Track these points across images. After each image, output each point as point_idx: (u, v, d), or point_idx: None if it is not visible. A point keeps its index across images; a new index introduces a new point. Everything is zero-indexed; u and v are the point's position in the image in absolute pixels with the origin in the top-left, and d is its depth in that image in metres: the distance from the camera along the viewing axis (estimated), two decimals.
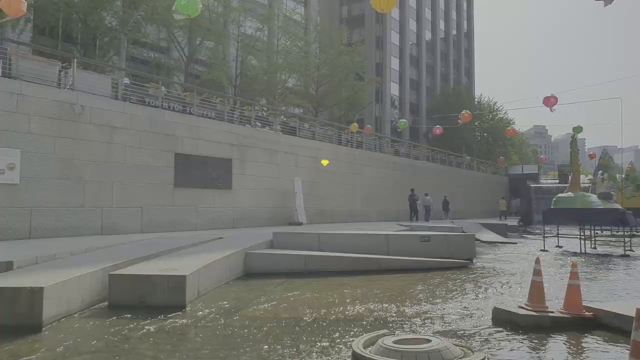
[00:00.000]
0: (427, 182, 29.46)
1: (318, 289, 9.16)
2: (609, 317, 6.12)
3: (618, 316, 5.97)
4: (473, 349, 5.16)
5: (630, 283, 10.54)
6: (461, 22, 68.72)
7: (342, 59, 32.87)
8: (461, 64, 67.38)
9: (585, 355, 5.42)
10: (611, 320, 6.05)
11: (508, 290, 9.27)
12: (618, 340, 5.54)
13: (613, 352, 5.28)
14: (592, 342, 5.73)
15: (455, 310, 7.38)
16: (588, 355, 5.40)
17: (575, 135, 21.61)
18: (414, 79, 56.79)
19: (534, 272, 6.80)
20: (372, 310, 7.32)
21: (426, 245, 12.91)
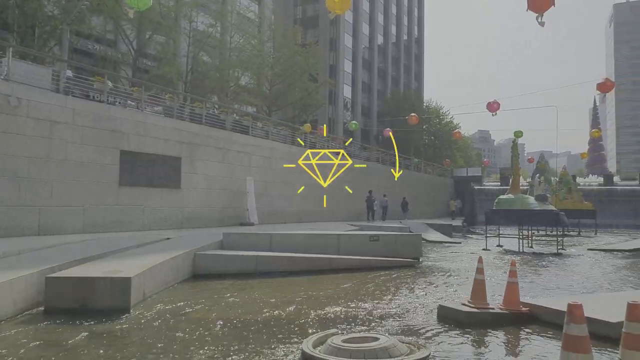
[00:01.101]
0: (377, 183, 29.98)
1: (268, 290, 9.14)
2: (544, 312, 6.48)
3: (551, 311, 6.33)
4: (419, 345, 5.32)
5: (562, 280, 11.18)
6: (412, 28, 70.48)
7: (296, 59, 32.89)
8: (411, 68, 69.07)
9: (521, 348, 5.72)
10: (545, 315, 6.41)
11: (452, 288, 9.61)
12: (551, 334, 5.87)
13: (547, 345, 5.59)
14: (527, 336, 6.05)
15: (402, 308, 7.57)
16: (524, 348, 5.69)
17: (516, 140, 22.65)
18: (366, 82, 57.69)
19: (476, 271, 7.09)
20: (322, 310, 7.39)
21: (375, 244, 13.15)
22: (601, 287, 10.21)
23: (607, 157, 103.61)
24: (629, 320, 3.55)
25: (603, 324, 5.54)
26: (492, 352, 5.55)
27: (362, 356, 4.74)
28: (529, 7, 9.86)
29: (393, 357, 4.80)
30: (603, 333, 5.39)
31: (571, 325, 3.64)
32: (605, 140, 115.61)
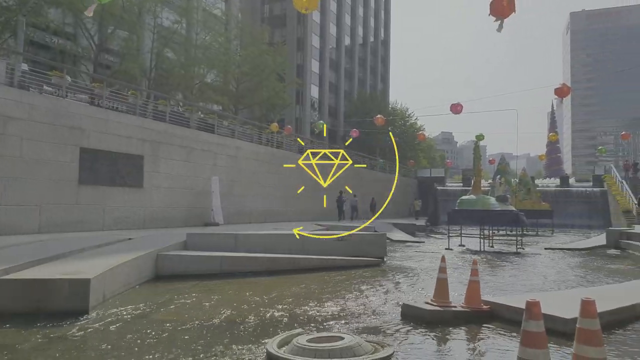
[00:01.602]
0: (344, 183, 30.16)
1: (233, 291, 9.04)
2: (503, 310, 6.66)
3: (511, 309, 6.52)
4: (383, 344, 5.39)
5: (521, 278, 11.54)
6: (379, 30, 71.26)
7: (263, 58, 32.68)
8: (377, 70, 69.84)
9: (481, 345, 5.86)
10: (505, 313, 6.59)
11: (416, 287, 9.76)
12: (511, 331, 6.04)
13: (506, 342, 5.75)
14: (488, 333, 6.20)
15: (367, 307, 7.64)
16: (484, 345, 5.83)
17: (478, 142, 23.25)
18: (333, 83, 57.95)
19: (439, 270, 7.23)
20: (288, 310, 7.37)
21: (341, 244, 13.22)
22: (557, 285, 10.59)
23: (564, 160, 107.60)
24: (583, 316, 3.69)
25: (559, 320, 5.74)
26: (453, 349, 5.67)
27: (327, 355, 4.76)
28: (491, 13, 10.12)
29: (357, 356, 4.84)
30: (559, 329, 5.59)
31: (529, 322, 3.76)
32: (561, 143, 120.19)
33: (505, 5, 10.00)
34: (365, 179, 35.11)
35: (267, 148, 24.67)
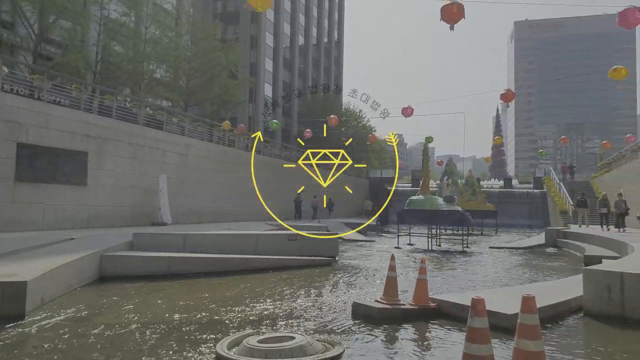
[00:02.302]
0: (297, 183, 30.16)
1: (181, 292, 8.83)
2: (450, 307, 6.87)
3: (457, 306, 6.73)
4: (334, 342, 5.42)
5: (467, 276, 11.95)
6: (332, 31, 71.69)
7: (215, 55, 32.10)
8: (331, 71, 70.26)
9: (429, 341, 6.01)
10: (451, 310, 6.80)
11: (367, 286, 9.89)
12: (457, 327, 6.23)
13: (452, 338, 5.93)
14: (435, 329, 6.38)
15: (318, 307, 7.66)
16: (431, 341, 5.99)
17: (427, 144, 23.90)
18: (287, 82, 57.78)
19: (389, 268, 7.36)
20: (238, 311, 7.27)
21: (294, 244, 13.22)
22: (501, 282, 11.04)
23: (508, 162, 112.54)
24: (523, 312, 3.85)
25: (501, 316, 5.98)
26: (402, 346, 5.78)
27: (278, 356, 4.73)
28: (442, 19, 10.43)
29: (308, 355, 4.84)
30: (502, 324, 5.82)
31: (474, 319, 3.88)
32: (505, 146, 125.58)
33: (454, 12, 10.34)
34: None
35: (219, 146, 24.27)
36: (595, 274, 7.24)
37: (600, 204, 20.18)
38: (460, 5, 10.51)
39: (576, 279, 8.64)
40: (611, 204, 19.94)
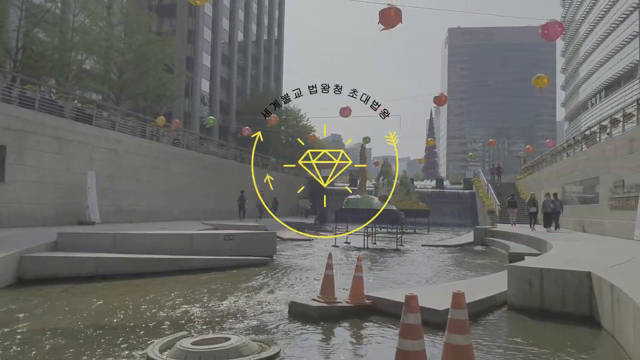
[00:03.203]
0: (235, 182, 29.71)
1: (109, 295, 8.42)
2: (384, 304, 7.03)
3: (391, 302, 6.91)
4: (270, 342, 5.38)
5: (401, 273, 12.31)
6: (272, 29, 71.31)
7: (150, 47, 30.92)
8: (271, 68, 69.88)
9: (364, 338, 6.13)
10: (386, 307, 6.96)
11: (304, 284, 9.92)
12: (391, 323, 6.39)
13: (386, 334, 6.07)
14: (370, 326, 6.50)
15: (255, 307, 7.58)
16: (366, 338, 6.11)
17: (365, 144, 24.34)
18: (225, 78, 56.76)
19: (326, 267, 7.42)
20: (171, 313, 7.04)
21: (230, 243, 13.01)
22: (433, 279, 11.46)
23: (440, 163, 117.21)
24: (454, 308, 4.01)
25: (433, 312, 6.20)
26: (338, 343, 5.85)
27: (213, 357, 4.63)
28: (380, 21, 10.66)
29: (244, 356, 4.78)
30: (433, 320, 6.03)
31: (407, 315, 3.99)
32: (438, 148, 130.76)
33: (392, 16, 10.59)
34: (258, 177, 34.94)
35: (152, 142, 23.40)
36: (518, 270, 7.69)
37: (530, 204, 21.20)
38: (398, 9, 10.79)
39: (501, 275, 9.14)
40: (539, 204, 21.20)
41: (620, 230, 15.93)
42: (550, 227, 19.84)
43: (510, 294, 7.64)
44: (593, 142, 21.12)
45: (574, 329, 6.43)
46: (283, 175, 42.00)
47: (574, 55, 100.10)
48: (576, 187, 21.63)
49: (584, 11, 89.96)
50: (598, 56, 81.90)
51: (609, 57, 77.10)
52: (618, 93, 72.69)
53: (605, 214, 17.45)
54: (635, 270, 7.67)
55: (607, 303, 6.20)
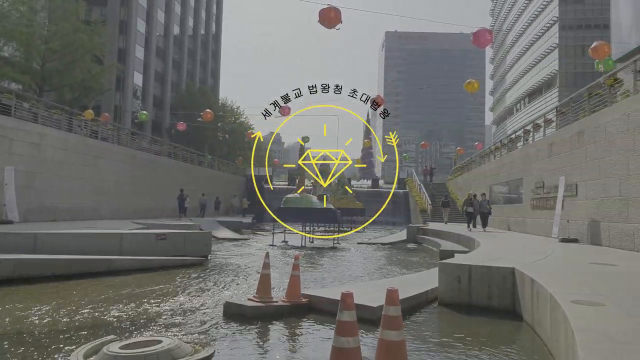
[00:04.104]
0: (169, 179, 28.76)
1: (29, 298, 7.86)
2: (320, 302, 7.08)
3: (327, 300, 6.96)
4: (204, 344, 5.24)
5: (338, 270, 12.46)
6: (210, 24, 69.73)
7: (78, 36, 29.17)
8: (208, 64, 68.32)
9: (299, 336, 6.13)
10: (322, 305, 7.01)
11: (240, 284, 9.78)
12: (327, 321, 6.43)
13: (322, 332, 6.11)
14: (306, 324, 6.52)
15: (189, 308, 7.37)
16: (302, 337, 6.12)
17: (303, 144, 24.42)
18: (159, 72, 54.79)
19: (262, 266, 7.35)
20: (97, 316, 6.69)
21: (163, 243, 12.58)
22: (368, 276, 11.69)
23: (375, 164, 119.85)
24: (387, 304, 4.10)
25: (367, 309, 6.32)
26: (273, 343, 5.81)
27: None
28: (320, 21, 10.71)
29: (177, 358, 4.63)
30: (368, 317, 6.14)
31: (343, 312, 4.03)
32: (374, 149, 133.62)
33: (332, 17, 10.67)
34: (201, 176, 34.14)
35: (79, 137, 22.11)
36: (448, 267, 8.01)
37: (467, 203, 21.02)
38: (338, 10, 10.90)
39: (432, 272, 9.48)
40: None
41: (540, 229, 17.06)
42: (486, 227, 19.96)
43: (441, 290, 7.94)
44: (514, 147, 22.44)
45: (498, 322, 6.79)
46: (220, 173, 41.22)
47: (501, 62, 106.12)
48: (502, 187, 22.91)
49: (511, 22, 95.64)
50: (522, 65, 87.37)
51: (532, 66, 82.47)
52: (540, 100, 77.97)
53: (528, 214, 18.61)
54: (553, 266, 8.23)
55: (528, 296, 6.61)
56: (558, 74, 71.52)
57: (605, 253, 10.64)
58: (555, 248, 11.67)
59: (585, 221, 13.46)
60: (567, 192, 14.51)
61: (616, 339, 3.48)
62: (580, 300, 4.87)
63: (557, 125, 17.57)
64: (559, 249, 11.55)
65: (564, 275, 7.04)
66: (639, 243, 10.71)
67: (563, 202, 14.62)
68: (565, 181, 14.63)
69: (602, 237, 12.46)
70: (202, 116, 26.74)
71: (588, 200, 13.34)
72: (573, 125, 14.86)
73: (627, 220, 11.23)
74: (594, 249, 11.85)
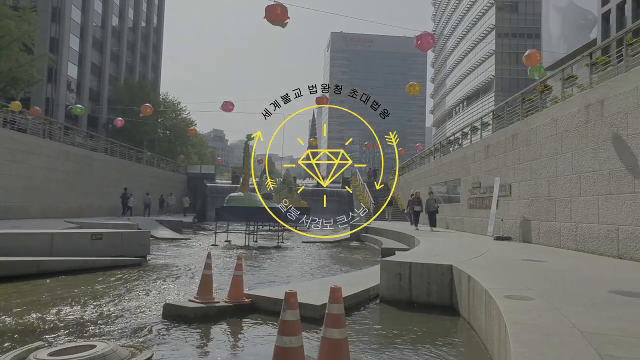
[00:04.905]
0: (105, 176, 27.51)
1: None
2: (263, 302, 7.01)
3: (270, 300, 6.91)
4: (141, 348, 5.04)
5: (282, 270, 12.42)
6: (151, 16, 67.35)
7: (4, 23, 27.28)
8: (148, 58, 65.96)
9: (242, 337, 6.05)
10: (265, 304, 6.95)
11: (181, 285, 9.51)
12: (270, 321, 6.38)
13: (265, 332, 6.04)
14: (249, 325, 6.43)
15: (126, 310, 7.07)
16: (244, 337, 6.03)
17: (248, 141, 24.10)
18: (96, 64, 52.28)
19: (204, 266, 7.19)
20: (24, 321, 6.27)
21: (98, 243, 12.02)
22: (312, 274, 11.73)
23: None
24: (331, 302, 4.12)
25: (311, 307, 6.33)
26: (214, 344, 5.69)
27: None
28: (266, 17, 10.61)
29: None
30: (311, 315, 6.15)
31: (286, 312, 4.00)
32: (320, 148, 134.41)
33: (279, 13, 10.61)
34: (140, 174, 32.84)
35: (6, 130, 20.67)
36: (389, 264, 8.18)
37: (414, 202, 21.11)
38: (284, 7, 10.84)
39: (375, 269, 9.66)
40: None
41: (476, 227, 17.82)
42: (417, 226, 20.34)
43: (383, 287, 8.10)
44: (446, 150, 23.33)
45: (437, 317, 7.02)
46: (160, 171, 39.95)
47: (442, 66, 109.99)
48: (441, 187, 23.73)
49: (451, 27, 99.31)
50: (462, 69, 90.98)
51: (470, 70, 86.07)
52: (477, 103, 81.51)
53: (465, 213, 19.39)
54: (488, 263, 8.61)
55: (465, 292, 6.87)
56: (494, 79, 75.06)
57: (535, 250, 11.28)
58: (491, 246, 12.22)
59: (517, 220, 14.20)
60: (502, 192, 15.25)
61: (543, 331, 3.68)
62: (512, 295, 5.11)
63: (493, 128, 18.44)
64: (494, 246, 12.11)
65: (498, 271, 7.38)
66: (565, 240, 11.43)
67: (498, 201, 15.35)
68: (500, 182, 15.36)
69: (532, 235, 13.19)
70: (141, 111, 25.77)
71: (520, 200, 14.08)
72: (508, 129, 15.63)
73: (554, 219, 11.96)
74: (525, 246, 12.53)
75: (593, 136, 10.33)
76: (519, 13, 75.91)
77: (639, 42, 10.17)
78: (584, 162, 10.64)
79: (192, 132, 41.51)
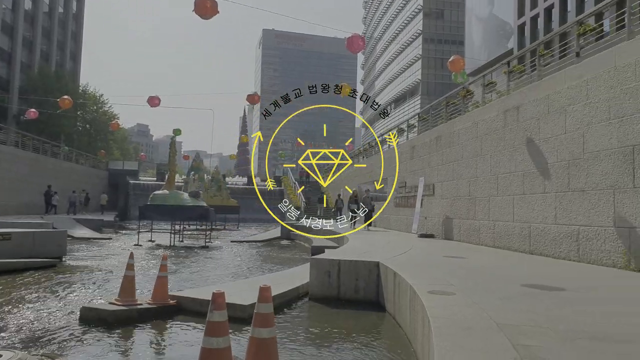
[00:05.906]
0: (15, 171, 25.42)
1: None
2: (189, 303, 6.81)
3: (196, 301, 6.72)
4: (54, 355, 4.72)
5: (209, 270, 12.12)
6: (70, 2, 63.15)
7: None
8: (67, 46, 61.78)
9: (166, 339, 5.82)
10: (191, 306, 6.74)
11: (100, 287, 9.00)
12: (196, 322, 6.20)
13: (191, 334, 5.86)
14: (174, 327, 6.21)
15: (39, 316, 6.57)
16: (168, 340, 5.81)
17: (175, 137, 23.28)
18: (6, 50, 48.17)
19: (126, 267, 6.85)
20: None
21: (6, 244, 11.08)
22: (241, 274, 11.55)
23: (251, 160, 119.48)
24: (260, 302, 4.06)
25: (239, 307, 6.22)
26: (136, 348, 5.44)
27: None
28: (195, 10, 10.30)
29: None
30: (239, 315, 6.04)
31: (214, 313, 3.89)
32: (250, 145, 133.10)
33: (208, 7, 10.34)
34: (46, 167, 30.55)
35: None
36: (319, 262, 8.25)
37: (351, 201, 20.56)
38: (214, 1, 10.57)
39: (304, 268, 9.69)
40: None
41: (402, 225, 18.45)
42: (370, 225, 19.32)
43: (312, 285, 8.14)
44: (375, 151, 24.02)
45: (364, 313, 7.17)
46: (78, 166, 37.62)
47: (371, 69, 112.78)
48: (370, 186, 24.31)
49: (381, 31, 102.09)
50: (390, 72, 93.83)
51: (398, 74, 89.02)
52: (405, 106, 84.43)
53: (391, 211, 20.00)
54: (413, 259, 8.93)
55: (391, 288, 7.07)
56: (421, 83, 78.14)
57: (457, 247, 11.87)
58: (415, 243, 12.69)
59: (440, 218, 14.87)
60: (426, 192, 15.89)
61: (463, 324, 3.87)
62: (435, 291, 5.33)
63: (419, 130, 19.17)
64: (418, 244, 12.59)
65: (422, 268, 7.67)
66: (483, 237, 12.12)
67: (422, 200, 15.99)
68: (424, 181, 16.00)
69: (454, 233, 13.87)
70: (59, 103, 24.10)
71: (443, 199, 14.76)
72: (432, 131, 16.32)
73: (474, 218, 12.65)
74: (447, 243, 13.14)
75: (510, 140, 11.04)
76: (444, 20, 79.54)
77: (550, 53, 11.02)
78: (501, 163, 11.35)
79: (115, 127, 39.47)
